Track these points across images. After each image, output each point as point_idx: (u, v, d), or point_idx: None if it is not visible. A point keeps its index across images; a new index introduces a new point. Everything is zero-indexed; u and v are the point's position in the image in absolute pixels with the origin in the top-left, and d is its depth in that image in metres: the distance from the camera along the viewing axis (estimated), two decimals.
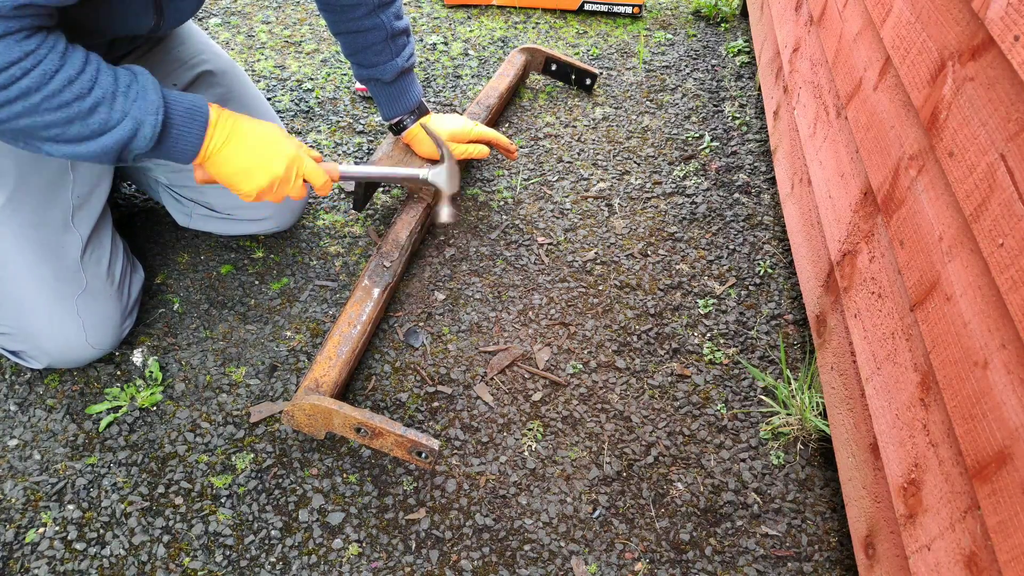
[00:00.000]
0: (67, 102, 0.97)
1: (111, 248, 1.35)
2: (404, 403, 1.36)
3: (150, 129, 1.04)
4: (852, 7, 1.32)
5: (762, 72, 2.06)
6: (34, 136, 1.00)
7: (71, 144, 1.01)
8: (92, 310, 1.29)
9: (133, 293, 1.40)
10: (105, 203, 1.37)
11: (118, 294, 1.35)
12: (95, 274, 1.31)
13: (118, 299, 1.35)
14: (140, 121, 1.03)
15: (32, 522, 1.17)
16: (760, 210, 1.78)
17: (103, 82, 1.00)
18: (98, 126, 1.00)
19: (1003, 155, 0.76)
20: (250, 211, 1.53)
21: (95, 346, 1.31)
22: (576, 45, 2.38)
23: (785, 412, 1.33)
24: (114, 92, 1.01)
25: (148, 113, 1.03)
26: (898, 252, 1.00)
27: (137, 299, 1.42)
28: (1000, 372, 0.73)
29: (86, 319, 1.28)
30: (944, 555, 0.81)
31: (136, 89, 1.03)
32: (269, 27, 2.38)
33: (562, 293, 1.57)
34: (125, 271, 1.39)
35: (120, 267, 1.37)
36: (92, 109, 0.99)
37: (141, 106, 1.03)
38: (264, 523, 1.19)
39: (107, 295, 1.32)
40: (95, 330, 1.30)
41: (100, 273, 1.32)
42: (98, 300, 1.30)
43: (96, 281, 1.30)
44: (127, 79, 1.03)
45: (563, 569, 1.15)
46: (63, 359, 1.30)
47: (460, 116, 1.62)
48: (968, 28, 0.87)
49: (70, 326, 1.27)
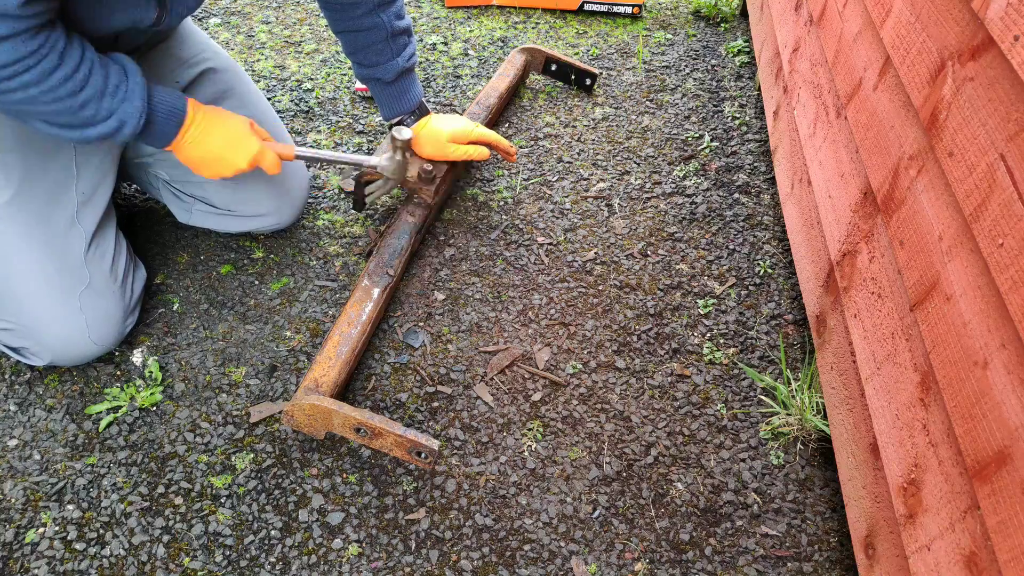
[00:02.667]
0: (61, 97, 1.06)
1: (115, 245, 1.36)
2: (404, 403, 1.36)
3: (131, 128, 1.15)
4: (852, 7, 1.32)
5: (762, 72, 2.06)
6: (27, 115, 1.09)
7: (59, 128, 1.11)
8: (95, 306, 1.30)
9: (135, 291, 1.41)
10: (109, 200, 1.38)
11: (121, 291, 1.35)
12: (99, 271, 1.31)
13: (121, 296, 1.35)
14: (123, 121, 1.14)
15: (32, 522, 1.17)
16: (760, 210, 1.78)
17: (95, 81, 1.09)
18: (86, 119, 1.11)
19: (1003, 155, 0.76)
20: (250, 207, 1.53)
21: (97, 343, 1.31)
22: (576, 45, 2.38)
23: (785, 412, 1.33)
24: (103, 91, 1.10)
25: (132, 115, 1.14)
26: (898, 252, 1.00)
27: (139, 297, 1.42)
28: (1000, 372, 0.73)
29: (89, 315, 1.29)
30: (944, 555, 0.81)
31: (124, 91, 1.13)
32: (269, 27, 2.38)
33: (562, 293, 1.57)
34: (128, 269, 1.39)
35: (123, 264, 1.37)
36: (83, 105, 1.09)
37: (127, 109, 1.13)
38: (264, 523, 1.18)
39: (110, 292, 1.33)
40: (98, 327, 1.30)
41: (104, 270, 1.32)
42: (102, 297, 1.31)
43: (100, 278, 1.31)
44: (117, 79, 1.12)
45: (563, 569, 1.15)
46: (65, 355, 1.30)
47: (461, 117, 1.62)
48: (968, 28, 0.87)
49: (73, 322, 1.27)
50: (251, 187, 1.51)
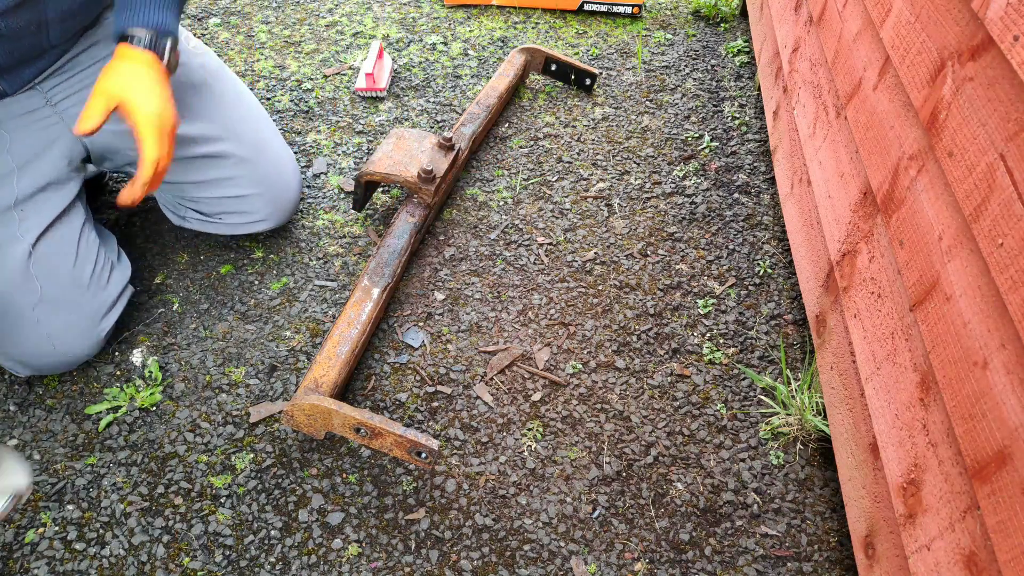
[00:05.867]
0: None
1: (77, 250, 1.29)
2: (404, 403, 1.36)
3: None
4: (852, 7, 1.32)
5: (762, 72, 2.06)
6: None
7: None
8: (54, 318, 1.24)
9: (112, 291, 1.34)
10: (68, 206, 1.31)
11: (89, 295, 1.29)
12: (52, 282, 1.25)
13: (90, 300, 1.29)
14: None
15: (31, 522, 1.17)
16: (760, 210, 1.78)
17: None
18: None
19: (1002, 155, 0.76)
20: (239, 216, 1.51)
21: (66, 353, 1.27)
22: (576, 45, 2.38)
23: (785, 412, 1.34)
24: None
25: None
26: (897, 252, 1.00)
27: (119, 294, 1.36)
28: (1000, 372, 0.73)
29: (49, 328, 1.24)
30: (944, 555, 0.81)
31: None
32: (269, 27, 2.38)
33: (562, 293, 1.57)
34: (101, 270, 1.32)
35: (92, 268, 1.30)
36: None
37: None
38: (264, 523, 1.18)
39: (69, 301, 1.26)
40: (61, 337, 1.25)
41: (60, 280, 1.26)
42: (59, 307, 1.25)
43: (54, 289, 1.24)
44: None
45: (563, 569, 1.15)
46: (40, 367, 1.28)
47: None
48: (968, 28, 0.87)
49: (33, 337, 1.23)
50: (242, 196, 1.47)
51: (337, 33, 2.38)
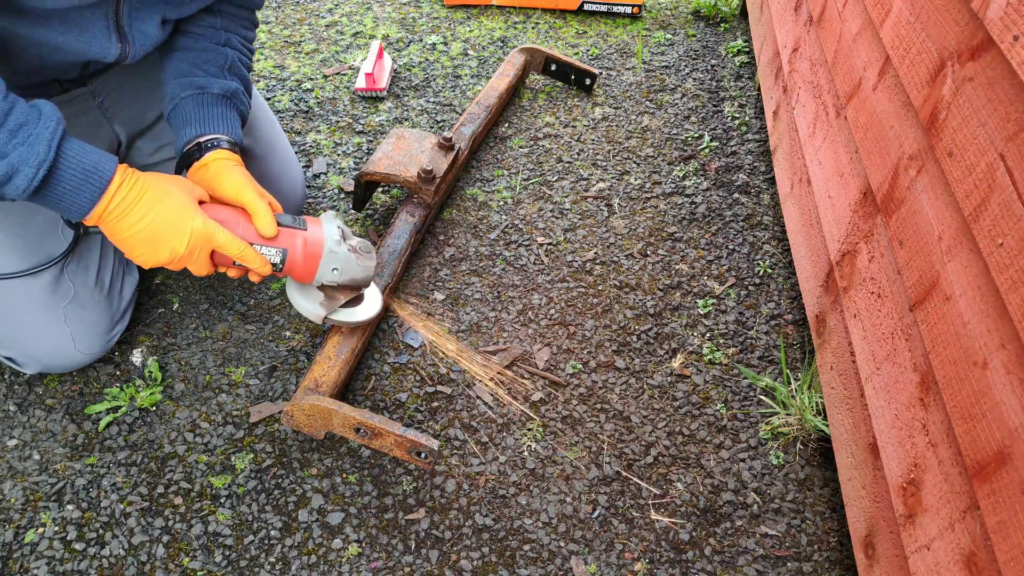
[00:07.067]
0: None
1: (100, 255, 1.33)
2: (404, 403, 1.36)
3: (24, 180, 0.93)
4: (852, 7, 1.32)
5: (762, 72, 2.06)
6: None
7: None
8: (80, 318, 1.28)
9: (125, 298, 1.38)
10: None
11: (108, 301, 1.33)
12: (83, 283, 1.29)
13: (108, 306, 1.33)
14: (15, 168, 0.92)
15: (31, 522, 1.17)
16: (760, 210, 1.78)
17: None
18: None
19: (1002, 155, 0.76)
20: None
21: (84, 352, 1.30)
22: (576, 45, 2.38)
23: (784, 412, 1.34)
24: None
25: (28, 164, 0.93)
26: (897, 252, 1.00)
27: (130, 302, 1.40)
28: (999, 372, 0.73)
29: (74, 327, 1.27)
30: (944, 555, 0.81)
31: (27, 133, 0.93)
32: (269, 27, 2.38)
33: (562, 293, 1.57)
34: (116, 276, 1.36)
35: (110, 273, 1.35)
36: None
37: (23, 153, 0.92)
38: (264, 523, 1.18)
39: (95, 303, 1.30)
40: (83, 337, 1.29)
41: (88, 282, 1.30)
42: (86, 308, 1.29)
43: (84, 290, 1.29)
44: (21, 118, 0.93)
45: (563, 569, 1.15)
46: (52, 365, 1.30)
47: None
48: (967, 28, 0.87)
49: (58, 334, 1.26)
50: None
51: (337, 33, 2.38)
